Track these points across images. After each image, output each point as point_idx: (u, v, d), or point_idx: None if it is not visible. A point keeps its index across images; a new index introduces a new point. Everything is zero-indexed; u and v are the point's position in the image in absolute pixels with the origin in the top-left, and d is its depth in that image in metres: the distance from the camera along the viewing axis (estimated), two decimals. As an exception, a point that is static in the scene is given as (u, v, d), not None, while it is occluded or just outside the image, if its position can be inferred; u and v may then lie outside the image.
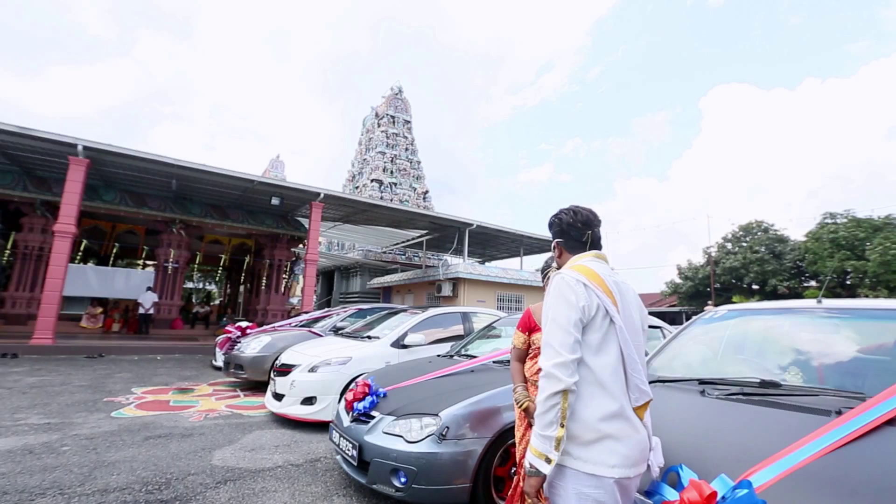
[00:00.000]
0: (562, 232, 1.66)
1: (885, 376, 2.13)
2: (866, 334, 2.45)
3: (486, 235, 18.59)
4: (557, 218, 1.68)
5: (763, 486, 1.43)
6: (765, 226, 26.34)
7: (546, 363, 1.35)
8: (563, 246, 1.65)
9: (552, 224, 1.71)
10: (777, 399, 1.93)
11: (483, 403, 2.86)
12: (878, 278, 20.27)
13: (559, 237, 1.66)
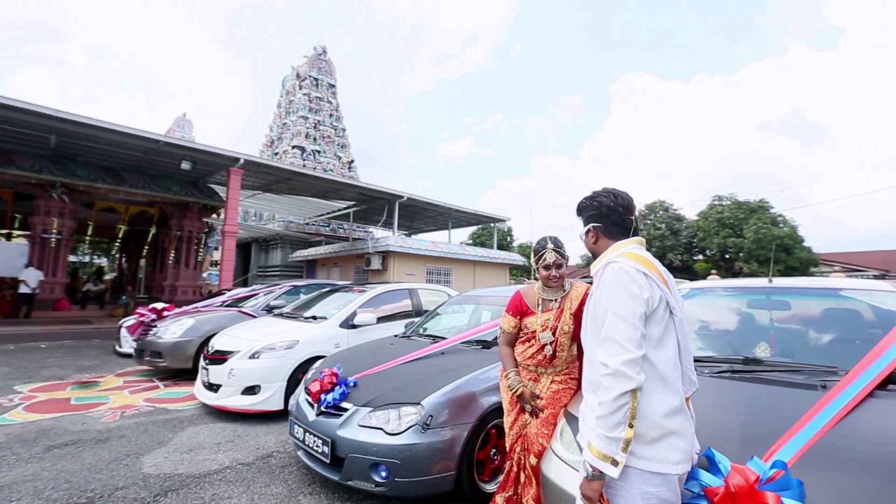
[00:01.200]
0: (600, 216, 1.54)
1: (842, 349, 2.37)
2: (813, 310, 2.71)
3: (415, 208, 18.34)
4: (595, 201, 1.56)
5: (788, 465, 1.48)
6: (665, 205, 29.25)
7: (613, 360, 1.24)
8: (602, 231, 1.54)
9: (586, 207, 1.59)
10: (764, 375, 2.05)
11: (463, 388, 2.75)
12: (751, 253, 23.57)
13: (596, 221, 1.55)
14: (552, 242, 2.33)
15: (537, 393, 2.33)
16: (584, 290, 2.39)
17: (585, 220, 1.59)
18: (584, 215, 1.60)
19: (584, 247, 1.65)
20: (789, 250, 23.08)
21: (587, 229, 1.58)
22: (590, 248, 1.59)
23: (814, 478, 1.42)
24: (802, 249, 23.40)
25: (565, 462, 1.96)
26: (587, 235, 1.59)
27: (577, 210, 1.65)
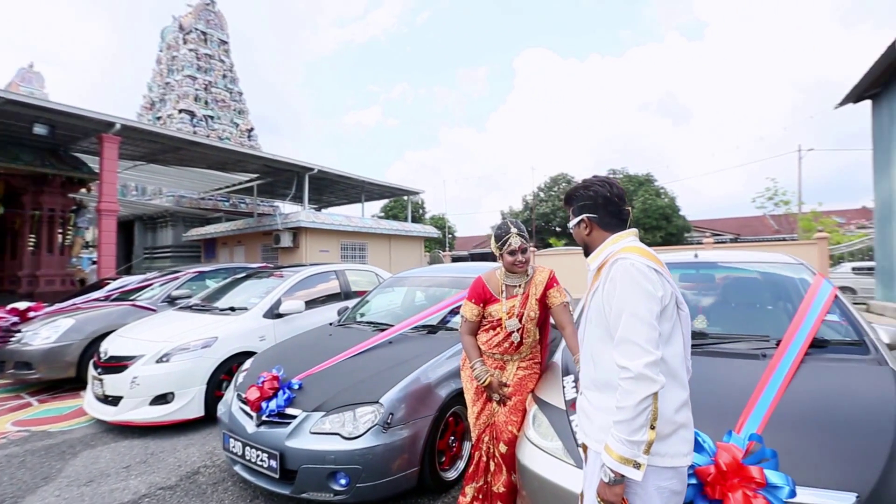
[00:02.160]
0: (595, 206, 1.46)
1: (766, 317, 2.64)
2: (734, 282, 2.99)
3: (325, 181, 17.34)
4: (590, 191, 1.47)
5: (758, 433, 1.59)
6: (568, 178, 31.28)
7: (634, 363, 1.18)
8: (597, 222, 1.46)
9: (579, 196, 1.50)
10: (711, 348, 2.20)
11: (421, 380, 2.62)
12: (639, 221, 26.32)
13: (591, 212, 1.46)
14: (515, 227, 2.25)
15: (504, 381, 2.29)
16: (548, 274, 2.36)
17: (578, 210, 1.50)
18: (577, 205, 1.51)
19: (575, 236, 1.57)
20: (669, 219, 26.25)
21: (580, 219, 1.49)
22: (582, 238, 1.51)
23: (779, 443, 1.54)
24: (679, 217, 26.76)
25: (541, 449, 1.94)
26: (579, 226, 1.50)
27: (568, 198, 1.56)
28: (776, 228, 28.52)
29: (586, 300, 1.43)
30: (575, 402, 1.97)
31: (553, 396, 2.12)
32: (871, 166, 12.82)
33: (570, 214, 1.57)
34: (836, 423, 1.64)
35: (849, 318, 2.29)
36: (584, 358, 1.46)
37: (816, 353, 2.06)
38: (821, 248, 14.70)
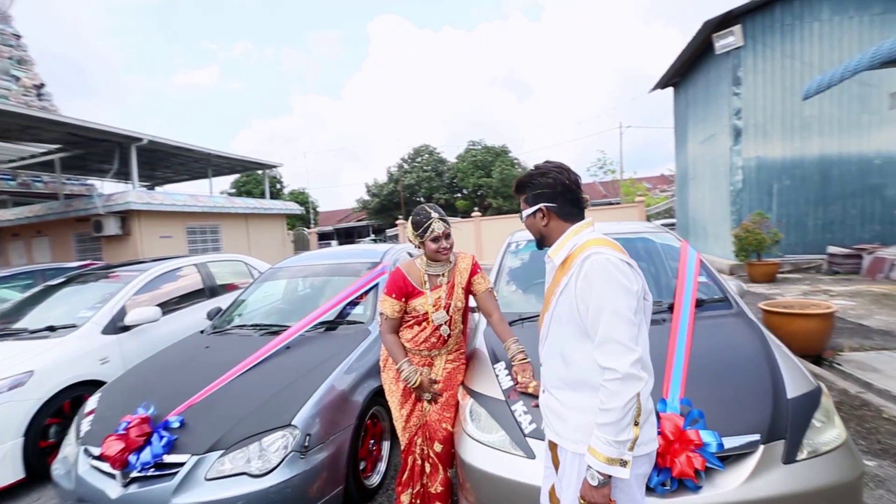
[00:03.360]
0: (555, 195, 1.36)
1: (654, 284, 2.93)
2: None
3: (159, 154, 14.54)
4: (548, 178, 1.36)
5: (681, 396, 1.75)
6: (430, 149, 31.81)
7: (620, 363, 1.13)
8: (556, 212, 1.36)
9: (535, 184, 1.38)
10: None
11: (336, 388, 2.34)
12: (497, 191, 28.32)
13: (550, 201, 1.36)
14: (435, 211, 2.06)
15: (434, 377, 2.15)
16: (471, 259, 2.25)
17: (533, 199, 1.39)
18: (532, 193, 1.39)
19: (526, 227, 1.46)
20: (522, 187, 28.91)
21: (537, 209, 1.38)
22: (538, 229, 1.41)
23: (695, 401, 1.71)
24: (530, 186, 29.66)
25: (483, 443, 1.88)
26: (535, 216, 1.39)
27: (520, 186, 1.43)
28: (604, 193, 33.50)
29: (551, 297, 1.34)
30: (513, 390, 1.96)
31: (487, 387, 2.05)
32: (673, 142, 15.75)
33: (521, 203, 1.45)
34: (730, 375, 1.90)
35: (713, 279, 2.70)
36: (549, 356, 1.39)
37: (698, 312, 2.37)
38: (640, 209, 17.75)
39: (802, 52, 10.21)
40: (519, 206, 1.48)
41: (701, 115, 12.72)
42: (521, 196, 1.44)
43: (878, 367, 4.03)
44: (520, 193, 1.44)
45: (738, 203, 10.68)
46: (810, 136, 10.33)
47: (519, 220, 1.53)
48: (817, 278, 9.07)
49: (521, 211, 1.45)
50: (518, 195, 1.45)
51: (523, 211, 1.43)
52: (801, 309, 4.39)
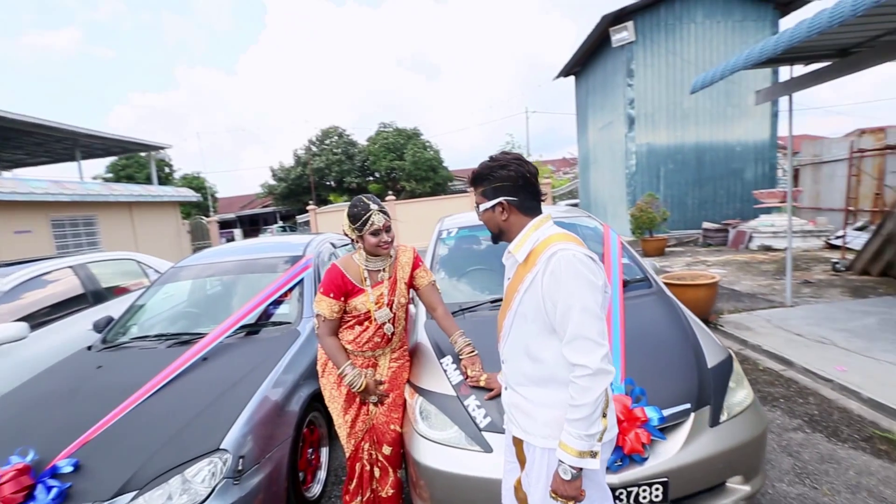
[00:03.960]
0: (515, 188, 1.31)
1: None
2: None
3: (7, 132, 12.09)
4: (508, 170, 1.30)
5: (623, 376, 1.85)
6: (339, 131, 30.47)
7: (591, 360, 1.13)
8: (517, 206, 1.32)
9: (495, 177, 1.31)
10: None
11: (270, 399, 2.12)
12: (410, 174, 28.13)
13: (511, 195, 1.31)
14: (373, 202, 1.93)
15: (379, 379, 2.04)
16: (412, 253, 2.15)
17: (492, 192, 1.33)
18: (490, 186, 1.33)
19: (483, 221, 1.39)
20: (436, 170, 28.93)
21: (497, 203, 1.32)
22: (496, 224, 1.35)
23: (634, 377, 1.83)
24: (443, 169, 29.81)
25: (436, 442, 1.84)
26: (494, 210, 1.34)
27: (477, 179, 1.36)
28: (512, 176, 34.98)
29: (514, 293, 1.31)
30: (464, 385, 1.93)
31: (436, 383, 2.00)
32: (575, 127, 16.84)
33: (476, 196, 1.39)
34: (660, 351, 2.06)
35: (634, 260, 2.91)
36: (513, 354, 1.36)
37: (625, 293, 2.53)
38: (547, 191, 18.86)
39: (683, 49, 11.42)
40: (431, 190, 1.43)
41: (600, 104, 13.72)
42: (477, 189, 1.37)
43: (750, 326, 4.74)
44: (477, 186, 1.37)
45: (632, 185, 11.78)
46: (688, 125, 11.68)
47: (435, 204, 1.47)
48: (696, 250, 10.40)
49: (477, 205, 1.39)
50: (474, 188, 1.38)
51: (480, 205, 1.37)
52: (692, 280, 4.98)
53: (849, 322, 4.54)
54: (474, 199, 1.41)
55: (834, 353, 3.84)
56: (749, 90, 11.16)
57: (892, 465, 2.40)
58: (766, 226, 9.63)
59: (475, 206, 1.41)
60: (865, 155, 8.49)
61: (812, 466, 2.41)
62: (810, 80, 4.68)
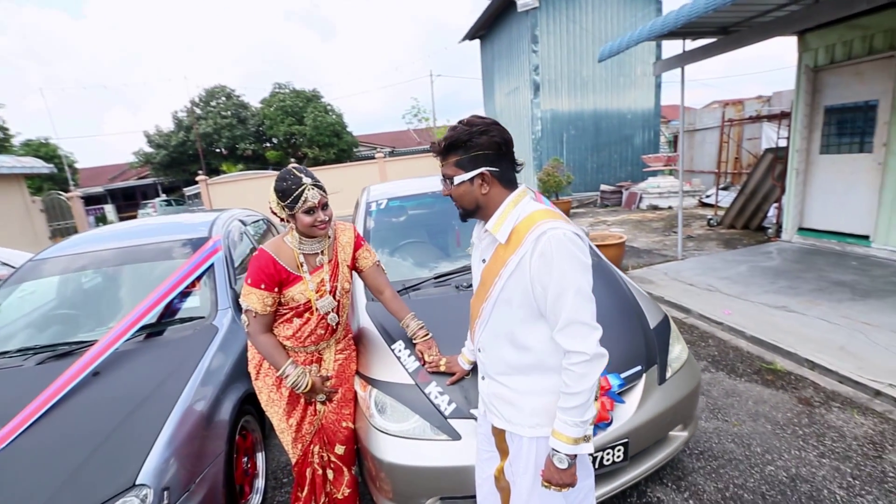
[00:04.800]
0: (498, 157, 1.16)
1: None
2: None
3: None
4: (490, 136, 1.14)
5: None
6: (228, 91, 27.20)
7: (588, 345, 1.07)
8: (498, 178, 1.17)
9: (475, 144, 1.15)
10: None
11: (194, 410, 1.80)
12: (312, 139, 26.37)
13: (493, 165, 1.16)
14: (306, 175, 1.65)
15: (325, 374, 1.83)
16: (353, 231, 1.92)
17: (471, 162, 1.16)
18: (469, 154, 1.16)
19: (456, 196, 1.23)
20: (339, 135, 27.38)
21: (478, 174, 1.17)
22: (474, 199, 1.20)
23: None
24: (347, 134, 28.33)
25: (396, 435, 1.72)
26: (473, 183, 1.18)
27: (453, 146, 1.17)
28: (419, 141, 34.58)
29: (494, 278, 1.18)
30: (422, 372, 1.80)
31: (390, 372, 1.85)
32: (481, 91, 16.92)
33: (446, 167, 1.21)
34: (611, 317, 2.10)
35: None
36: (493, 342, 1.25)
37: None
38: (456, 157, 18.90)
39: (581, 18, 11.87)
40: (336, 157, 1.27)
41: (506, 69, 13.86)
42: (450, 158, 1.19)
43: (652, 280, 5.25)
44: (449, 155, 1.19)
45: (538, 150, 12.26)
46: (587, 93, 12.34)
47: (342, 171, 1.31)
48: (595, 211, 11.27)
49: (448, 177, 1.21)
50: (445, 157, 1.20)
51: (454, 177, 1.19)
52: (603, 240, 5.34)
53: (727, 271, 5.25)
54: (443, 171, 1.23)
55: (720, 299, 4.41)
56: (638, 62, 12.08)
57: (779, 391, 2.83)
58: (653, 187, 10.72)
59: (443, 179, 1.24)
60: (734, 124, 9.73)
61: (721, 402, 2.75)
62: (700, 54, 5.11)
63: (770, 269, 5.13)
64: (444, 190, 1.24)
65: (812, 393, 2.79)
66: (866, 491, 2.02)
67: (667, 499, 2.06)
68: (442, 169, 1.23)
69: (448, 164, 1.20)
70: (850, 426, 2.46)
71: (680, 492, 2.10)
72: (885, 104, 4.99)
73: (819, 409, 2.63)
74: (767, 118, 8.70)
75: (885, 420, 2.49)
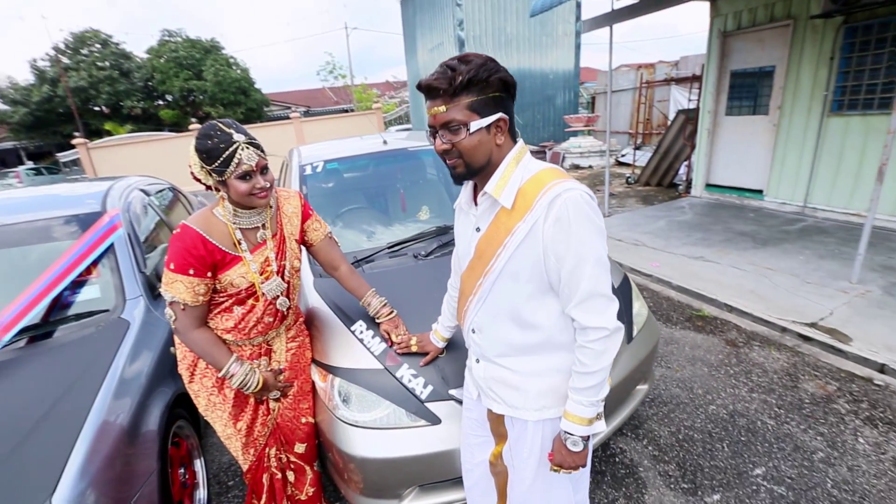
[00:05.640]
0: (509, 100, 0.99)
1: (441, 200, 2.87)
2: (417, 169, 3.10)
3: None
4: (501, 76, 0.96)
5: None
6: (102, 37, 23.08)
7: (608, 319, 0.97)
8: (509, 127, 1.00)
9: (492, 83, 0.94)
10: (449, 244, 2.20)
11: (110, 427, 1.47)
12: (215, 97, 23.63)
13: (505, 110, 0.97)
14: (237, 130, 1.33)
15: (277, 367, 1.58)
16: (299, 199, 1.64)
17: (488, 105, 0.95)
18: (488, 95, 0.94)
19: (464, 148, 0.97)
20: (247, 92, 24.74)
21: (496, 120, 0.96)
22: (487, 151, 0.98)
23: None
24: (256, 91, 25.70)
25: (366, 427, 1.55)
26: (490, 131, 0.97)
27: (468, 84, 0.92)
28: (336, 100, 32.57)
29: (497, 248, 1.02)
30: (390, 354, 1.63)
31: (353, 358, 1.65)
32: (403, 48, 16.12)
33: (458, 112, 0.95)
34: None
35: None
36: (492, 321, 1.11)
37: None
38: (378, 116, 18.05)
39: (505, -29, 11.54)
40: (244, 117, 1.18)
41: (429, 24, 13.25)
42: (462, 99, 0.94)
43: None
44: (462, 95, 0.94)
45: (465, 111, 12.04)
46: (511, 51, 12.24)
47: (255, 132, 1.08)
48: (522, 172, 11.47)
49: (462, 123, 0.94)
50: (452, 99, 0.94)
51: (470, 123, 0.95)
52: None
53: (648, 226, 5.60)
54: (447, 117, 0.95)
55: (647, 253, 4.70)
56: (560, 21, 12.15)
57: (709, 336, 3.07)
58: (575, 147, 11.10)
59: (439, 130, 0.98)
60: (651, 86, 10.25)
61: (662, 349, 2.92)
62: (628, 13, 5.17)
63: (685, 223, 5.56)
64: (439, 143, 0.99)
65: (736, 335, 3.07)
66: (790, 418, 2.27)
67: (628, 448, 2.15)
68: (444, 114, 0.95)
69: (458, 107, 0.94)
70: (769, 362, 2.74)
71: (639, 440, 2.19)
72: (781, 70, 5.46)
73: (743, 348, 2.90)
74: (678, 81, 9.26)
75: (795, 353, 2.81)
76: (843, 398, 2.39)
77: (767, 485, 1.90)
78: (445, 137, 0.98)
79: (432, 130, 1.00)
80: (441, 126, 0.97)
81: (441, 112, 0.96)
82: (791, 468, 1.98)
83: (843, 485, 1.88)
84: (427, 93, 0.96)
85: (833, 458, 2.02)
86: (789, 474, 1.95)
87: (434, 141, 1.01)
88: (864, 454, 2.02)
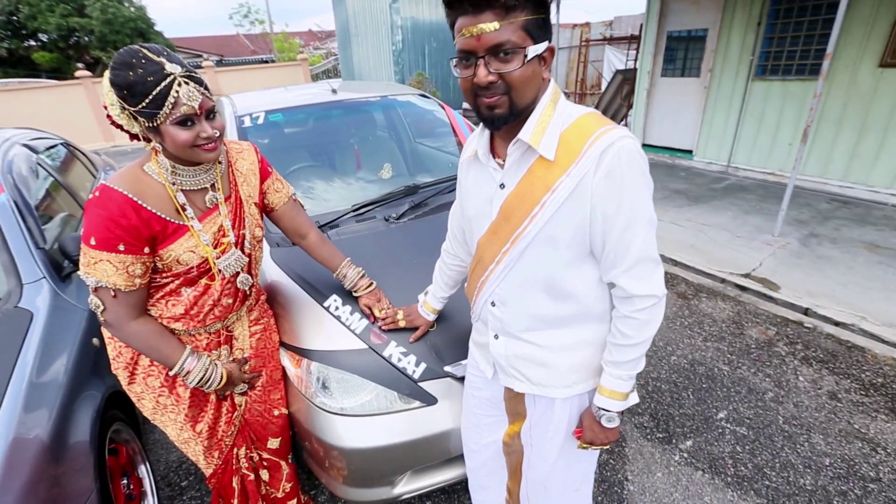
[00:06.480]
0: (549, 25, 0.79)
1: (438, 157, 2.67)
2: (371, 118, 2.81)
3: None
4: None
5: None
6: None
7: (657, 285, 0.87)
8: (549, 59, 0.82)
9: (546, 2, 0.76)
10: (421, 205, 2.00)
11: (25, 448, 1.16)
12: (105, 38, 20.33)
13: (549, 39, 0.78)
14: (171, 60, 1.00)
15: (241, 356, 1.34)
16: (255, 153, 1.34)
17: (538, 28, 0.76)
18: (538, 16, 0.75)
19: (517, 79, 0.77)
20: (145, 35, 21.51)
21: (547, 50, 0.79)
22: (537, 85, 0.81)
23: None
24: (157, 35, 22.41)
25: (351, 414, 1.38)
26: (538, 62, 0.79)
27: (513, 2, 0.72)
28: (252, 49, 29.52)
29: (531, 207, 0.86)
30: (374, 331, 1.45)
31: (329, 338, 1.44)
32: (330, -7, 14.70)
33: (515, 31, 0.74)
34: None
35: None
36: (520, 292, 0.96)
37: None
38: (304, 68, 16.62)
39: None
40: None
41: (358, -36, 12.13)
42: (518, 15, 0.73)
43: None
44: (517, 11, 0.73)
45: (400, 63, 11.42)
46: None
47: None
48: (462, 132, 11.24)
49: (517, 47, 0.74)
50: (509, 13, 0.73)
51: (528, 47, 0.75)
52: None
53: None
54: (499, 36, 0.74)
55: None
56: (497, -30, 11.64)
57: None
58: (514, 106, 11.03)
59: (488, 52, 0.75)
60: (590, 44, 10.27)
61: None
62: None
63: (626, 182, 5.76)
64: (483, 73, 0.76)
65: (685, 287, 3.24)
66: (741, 363, 2.44)
67: (603, 405, 2.19)
68: (495, 34, 0.73)
69: (513, 26, 0.73)
70: (717, 311, 2.93)
71: (612, 396, 2.24)
72: (713, 33, 5.66)
73: (693, 300, 3.07)
74: (614, 41, 9.38)
75: (737, 303, 3.02)
76: (781, 341, 2.61)
77: (731, 427, 2.03)
78: (493, 66, 0.77)
79: (466, 56, 0.78)
80: (487, 50, 0.76)
81: (491, 31, 0.74)
82: (748, 409, 2.12)
83: (792, 420, 2.06)
84: (472, 3, 0.74)
85: (781, 396, 2.20)
86: (747, 415, 2.09)
87: (467, 71, 0.79)
88: (805, 391, 2.23)
